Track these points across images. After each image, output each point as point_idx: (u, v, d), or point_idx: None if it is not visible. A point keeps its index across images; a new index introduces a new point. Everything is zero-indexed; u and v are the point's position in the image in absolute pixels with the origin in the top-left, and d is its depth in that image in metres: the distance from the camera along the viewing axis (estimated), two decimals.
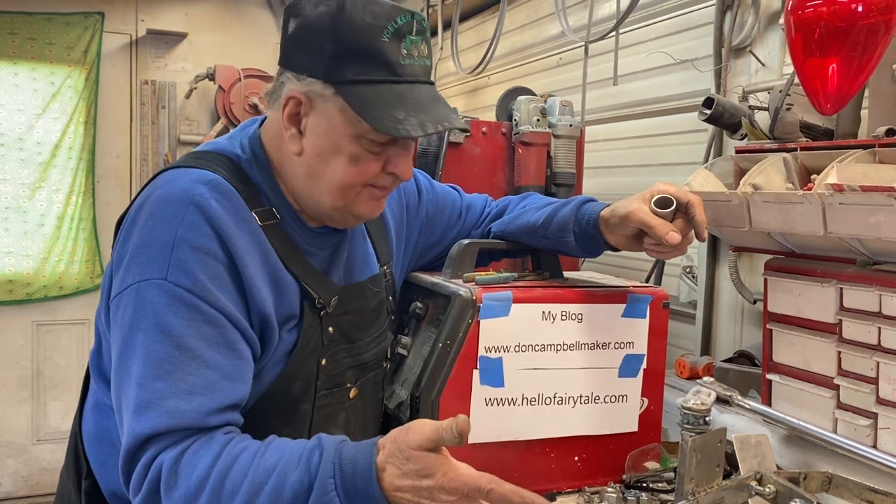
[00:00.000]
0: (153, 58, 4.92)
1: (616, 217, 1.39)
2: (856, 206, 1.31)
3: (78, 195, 4.72)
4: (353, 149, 1.23)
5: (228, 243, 1.17)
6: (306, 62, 1.21)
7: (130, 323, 1.13)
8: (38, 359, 4.73)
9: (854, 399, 1.42)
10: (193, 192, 1.17)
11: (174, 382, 1.10)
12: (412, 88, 1.22)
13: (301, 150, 1.25)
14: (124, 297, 1.15)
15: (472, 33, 4.03)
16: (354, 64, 1.18)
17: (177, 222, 1.15)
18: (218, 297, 1.15)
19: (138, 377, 1.10)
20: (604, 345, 1.48)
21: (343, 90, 1.19)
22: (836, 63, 1.31)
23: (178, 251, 1.13)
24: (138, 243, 1.16)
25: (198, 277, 1.13)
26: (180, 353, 1.11)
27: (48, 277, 4.69)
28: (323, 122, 1.22)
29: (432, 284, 1.51)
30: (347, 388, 1.37)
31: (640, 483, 1.47)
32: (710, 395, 1.24)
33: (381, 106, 1.18)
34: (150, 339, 1.11)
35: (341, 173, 1.24)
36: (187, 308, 1.12)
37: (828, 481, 1.24)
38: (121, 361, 1.14)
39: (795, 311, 1.53)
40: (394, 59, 1.19)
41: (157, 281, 1.12)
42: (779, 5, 2.06)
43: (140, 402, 1.09)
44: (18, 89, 4.61)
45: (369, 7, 1.18)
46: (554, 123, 2.33)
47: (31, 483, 4.70)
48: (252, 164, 1.28)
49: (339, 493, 1.04)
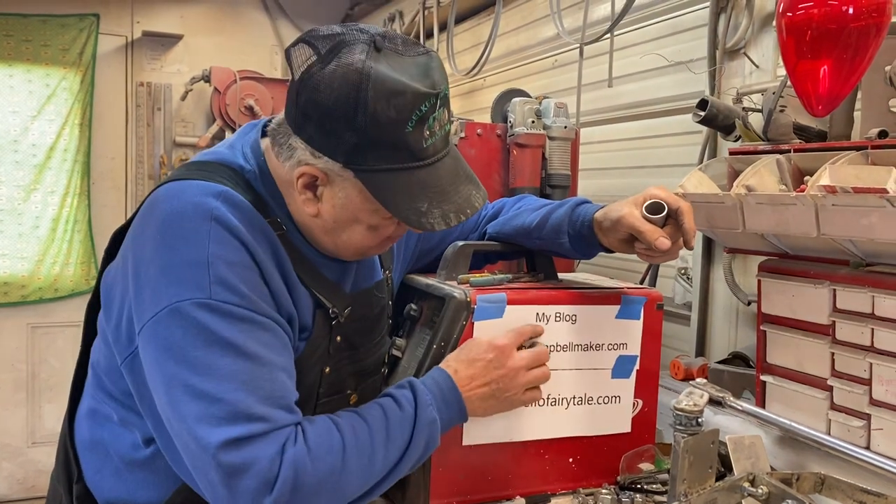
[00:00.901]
0: (149, 60, 4.92)
1: (608, 220, 1.39)
2: (848, 207, 1.31)
3: (73, 197, 4.72)
4: (371, 220, 1.23)
5: (254, 253, 1.16)
6: (323, 143, 1.17)
7: (182, 344, 1.10)
8: (33, 361, 4.73)
9: (847, 400, 1.42)
10: (209, 206, 1.15)
11: (253, 392, 1.10)
12: (434, 170, 1.19)
13: (317, 213, 1.24)
14: (163, 320, 1.11)
15: (467, 35, 4.04)
16: (376, 154, 1.15)
17: (203, 239, 1.13)
18: (262, 305, 1.16)
19: (213, 393, 1.08)
20: (597, 346, 1.48)
21: (363, 177, 1.17)
22: (827, 65, 1.31)
23: (214, 268, 1.11)
24: (164, 264, 1.13)
25: (242, 290, 1.13)
26: (249, 362, 1.11)
27: (43, 279, 4.68)
28: (341, 196, 1.21)
29: (427, 286, 1.51)
30: (348, 394, 1.37)
31: (635, 484, 1.47)
32: (702, 397, 1.25)
33: (402, 194, 1.16)
34: (214, 355, 1.10)
35: (359, 238, 1.26)
36: (241, 321, 1.12)
37: (820, 482, 1.24)
38: (174, 383, 1.10)
39: (789, 312, 1.53)
40: (416, 146, 1.16)
41: (203, 300, 1.10)
42: (773, 7, 2.07)
43: (225, 415, 1.08)
44: (13, 91, 4.60)
45: (393, 100, 1.12)
46: (549, 125, 2.33)
47: (27, 486, 4.69)
48: (257, 176, 1.26)
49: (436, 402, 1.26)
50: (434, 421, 1.25)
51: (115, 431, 1.27)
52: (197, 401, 1.09)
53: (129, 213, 4.87)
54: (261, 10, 5.16)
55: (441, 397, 1.27)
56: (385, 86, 1.11)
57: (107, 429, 1.27)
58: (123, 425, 1.26)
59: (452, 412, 1.29)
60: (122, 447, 1.26)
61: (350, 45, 1.13)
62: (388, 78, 1.12)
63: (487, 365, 1.31)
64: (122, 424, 1.27)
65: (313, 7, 5.18)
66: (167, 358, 1.11)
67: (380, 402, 1.25)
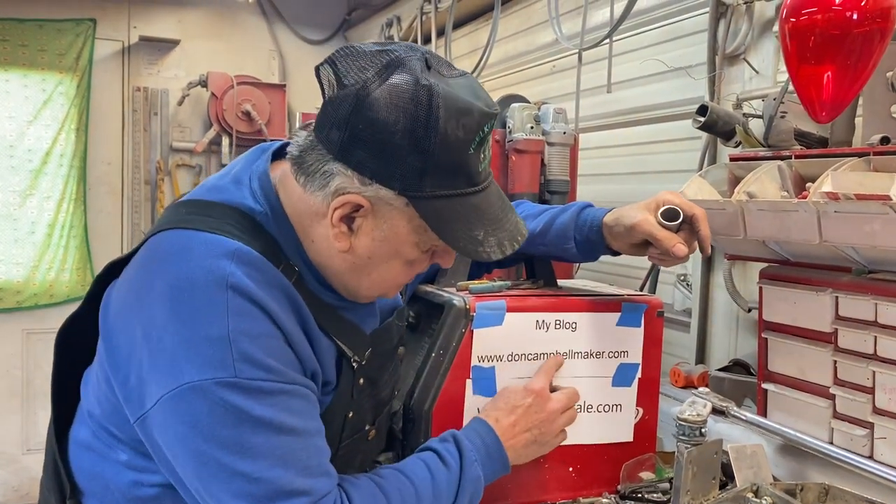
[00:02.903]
0: (145, 64, 4.91)
1: (621, 226, 1.38)
2: (851, 214, 1.30)
3: (69, 202, 4.70)
4: (411, 254, 1.16)
5: (276, 318, 1.09)
6: (379, 168, 1.06)
7: (210, 423, 1.04)
8: (28, 367, 4.70)
9: (850, 408, 1.41)
10: (224, 272, 1.06)
11: (291, 466, 1.07)
12: (487, 196, 1.13)
13: (349, 249, 1.14)
14: (186, 396, 1.04)
15: (465, 40, 4.03)
16: (436, 178, 1.07)
17: (222, 312, 1.04)
18: (289, 373, 1.10)
19: (250, 473, 1.04)
20: (598, 354, 1.47)
21: (418, 205, 1.08)
22: (831, 71, 1.30)
23: (237, 345, 1.04)
24: (182, 338, 1.05)
25: (267, 364, 1.06)
26: (283, 436, 1.07)
27: (39, 285, 4.66)
28: (385, 228, 1.12)
29: (425, 293, 1.50)
30: (367, 430, 1.32)
31: (636, 493, 1.46)
32: (705, 407, 1.24)
33: (458, 223, 1.09)
34: (246, 434, 1.04)
35: (393, 275, 1.19)
36: (270, 395, 1.06)
37: (825, 493, 1.23)
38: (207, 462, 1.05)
39: (791, 319, 1.52)
40: (474, 171, 1.09)
41: (228, 380, 1.03)
42: (772, 13, 2.06)
43: (265, 494, 1.05)
44: (9, 96, 4.59)
45: (462, 119, 1.05)
46: (548, 131, 2.32)
47: (21, 493, 4.66)
48: (269, 218, 1.15)
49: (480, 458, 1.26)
50: (479, 478, 1.25)
51: (118, 469, 1.20)
52: (233, 480, 1.04)
53: (125, 218, 4.89)
54: (258, 15, 5.15)
55: (485, 452, 1.27)
56: (455, 104, 1.04)
57: (108, 465, 1.20)
58: (130, 467, 1.19)
59: (496, 465, 1.29)
60: (124, 484, 1.19)
61: (407, 62, 1.05)
62: (456, 96, 1.05)
63: (527, 410, 1.33)
64: (129, 466, 1.19)
65: (311, 12, 5.18)
66: (194, 435, 1.05)
67: (423, 458, 1.23)
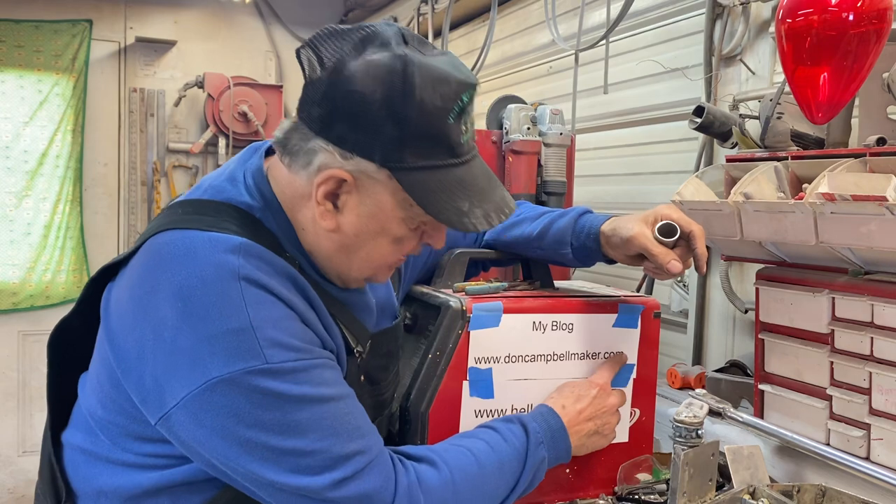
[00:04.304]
0: (142, 65, 4.90)
1: (618, 237, 1.38)
2: (847, 215, 1.30)
3: (65, 204, 4.69)
4: (399, 231, 1.15)
5: (290, 305, 1.10)
6: (358, 140, 1.08)
7: (251, 410, 1.04)
8: (24, 369, 4.69)
9: (847, 410, 1.41)
10: (233, 266, 1.06)
11: (340, 431, 1.08)
12: (470, 169, 1.13)
13: (336, 228, 1.14)
14: (219, 390, 1.03)
15: (462, 41, 4.03)
16: (416, 149, 1.07)
17: (239, 304, 1.05)
18: (315, 349, 1.11)
19: (299, 448, 1.05)
20: (594, 355, 1.47)
21: (401, 177, 1.08)
22: (827, 72, 1.30)
23: (262, 332, 1.04)
24: (202, 335, 1.04)
25: (294, 344, 1.07)
26: (326, 406, 1.08)
27: (35, 287, 4.65)
28: (369, 203, 1.12)
29: (422, 295, 1.50)
30: None
31: (632, 495, 1.45)
32: (702, 408, 1.23)
33: (442, 194, 1.09)
34: (289, 414, 1.05)
35: (380, 253, 1.18)
36: (302, 372, 1.07)
37: (821, 494, 1.23)
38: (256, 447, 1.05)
39: (787, 320, 1.52)
40: (455, 141, 1.10)
41: (261, 368, 1.04)
42: (769, 14, 2.06)
43: (321, 464, 1.05)
44: (5, 97, 4.58)
45: (439, 87, 1.06)
46: (544, 132, 2.32)
47: (17, 495, 4.65)
48: (265, 212, 1.17)
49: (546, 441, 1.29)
50: (544, 459, 1.27)
51: (114, 471, 1.18)
52: (286, 459, 1.05)
53: (121, 219, 4.88)
54: (255, 15, 5.15)
55: (550, 435, 1.30)
56: (431, 73, 1.05)
57: (104, 468, 1.18)
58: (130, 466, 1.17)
59: (560, 450, 1.32)
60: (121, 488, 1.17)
61: (382, 35, 1.07)
62: (433, 66, 1.06)
63: (594, 401, 1.37)
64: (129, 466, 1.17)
65: (307, 13, 5.17)
66: (235, 425, 1.04)
67: (487, 438, 1.24)
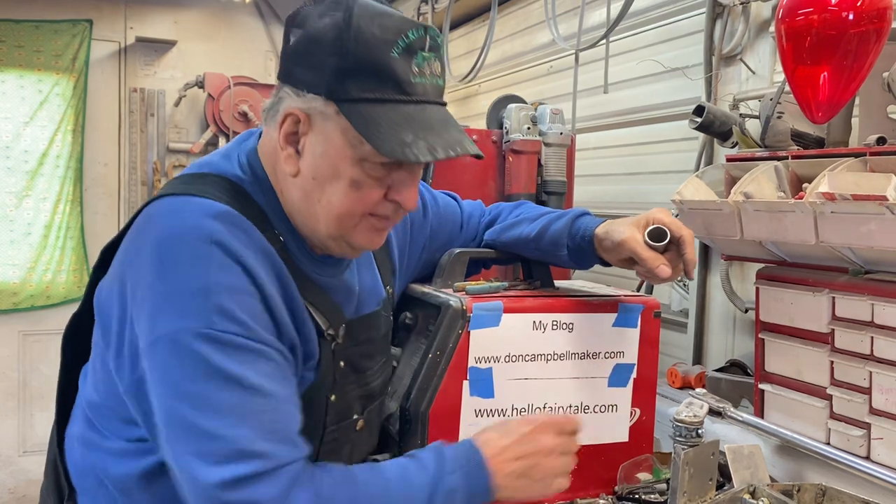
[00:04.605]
0: (142, 65, 4.90)
1: (610, 241, 1.38)
2: (847, 214, 1.30)
3: (65, 204, 4.69)
4: (353, 173, 1.14)
5: (256, 278, 1.10)
6: (307, 77, 1.12)
7: (181, 376, 1.06)
8: (24, 369, 4.69)
9: (847, 409, 1.41)
10: (209, 229, 1.08)
11: (255, 427, 1.05)
12: (422, 109, 1.13)
13: (297, 172, 1.16)
14: (160, 350, 1.06)
15: (462, 41, 4.03)
16: (360, 80, 1.09)
17: (204, 265, 1.07)
18: (263, 334, 1.10)
19: (212, 430, 1.04)
20: (594, 354, 1.47)
21: (346, 108, 1.10)
22: (827, 71, 1.30)
23: (215, 297, 1.06)
24: (163, 290, 1.07)
25: (242, 319, 1.07)
26: (251, 396, 1.06)
27: (35, 287, 4.65)
28: (322, 141, 1.13)
29: (422, 294, 1.50)
30: (355, 419, 1.31)
31: (633, 494, 1.45)
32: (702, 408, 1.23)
33: (386, 126, 1.09)
34: (213, 388, 1.05)
35: (339, 200, 1.15)
36: (241, 351, 1.07)
37: (821, 494, 1.23)
38: (173, 419, 1.06)
39: (787, 320, 1.52)
40: (403, 77, 1.10)
41: (203, 330, 1.05)
42: (769, 14, 2.06)
43: (226, 453, 1.03)
44: (5, 97, 4.58)
45: (378, 19, 1.09)
46: (544, 131, 2.32)
47: (18, 495, 4.65)
48: (254, 184, 1.20)
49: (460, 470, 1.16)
50: (454, 490, 1.15)
51: (111, 459, 1.21)
52: (195, 438, 1.04)
53: (122, 219, 4.88)
54: (255, 15, 5.15)
55: (467, 466, 1.18)
56: (373, 8, 1.11)
57: (100, 456, 1.21)
58: (124, 454, 1.19)
59: (478, 484, 1.19)
60: (117, 475, 1.20)
61: None
62: (377, 5, 1.12)
63: (522, 439, 1.23)
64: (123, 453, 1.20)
65: None
66: (165, 391, 1.07)
67: (401, 461, 1.20)
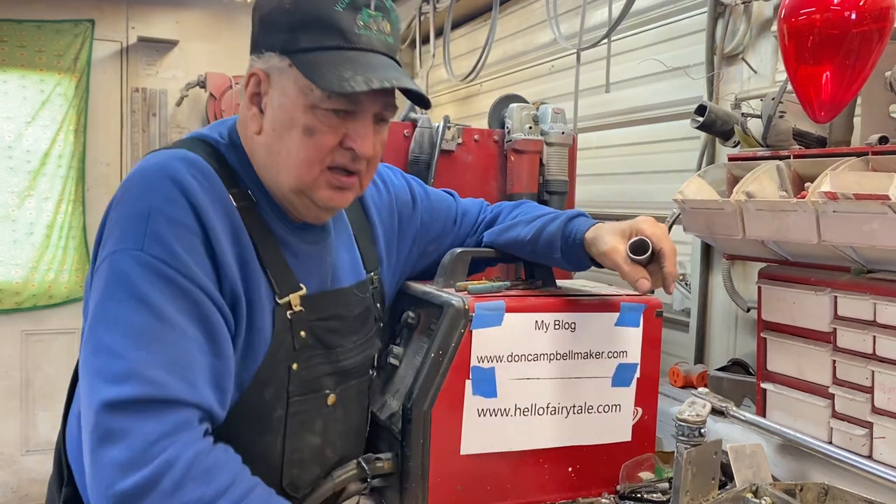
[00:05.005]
0: (144, 65, 4.90)
1: (595, 249, 1.40)
2: (850, 214, 1.30)
3: (68, 203, 4.70)
4: (307, 120, 1.21)
5: (203, 217, 1.15)
6: (266, 40, 1.23)
7: (104, 293, 1.10)
8: (27, 368, 4.69)
9: (849, 408, 1.41)
10: (169, 167, 1.17)
11: (155, 353, 1.06)
12: (365, 55, 1.20)
13: (260, 129, 1.25)
14: (101, 269, 1.13)
15: (464, 40, 4.03)
16: (308, 33, 1.19)
17: (152, 194, 1.14)
18: (194, 271, 1.13)
19: (114, 347, 1.06)
20: (597, 354, 1.47)
21: (296, 59, 1.19)
22: (829, 71, 1.30)
23: (153, 222, 1.12)
24: (115, 217, 1.16)
25: (174, 249, 1.12)
26: (160, 324, 1.08)
27: (37, 286, 4.65)
28: (279, 95, 1.22)
29: (424, 294, 1.50)
30: (325, 394, 1.34)
31: (635, 493, 1.46)
32: (705, 407, 1.23)
33: (329, 68, 1.17)
34: (127, 309, 1.08)
35: (296, 148, 1.22)
36: (163, 280, 1.10)
37: (824, 493, 1.23)
38: (92, 332, 1.09)
39: (789, 319, 1.52)
40: (347, 28, 1.19)
41: (133, 252, 1.10)
42: (770, 13, 2.06)
43: (118, 372, 1.04)
44: (8, 97, 4.58)
45: None
46: (546, 131, 2.32)
47: (21, 494, 4.65)
48: (230, 149, 1.29)
49: None
50: None
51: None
52: (100, 354, 1.07)
53: None
54: None
55: None
56: None
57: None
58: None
59: None
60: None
61: None
62: None
63: None
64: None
65: None
66: (93, 310, 1.11)
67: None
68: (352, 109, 1.21)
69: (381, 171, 1.58)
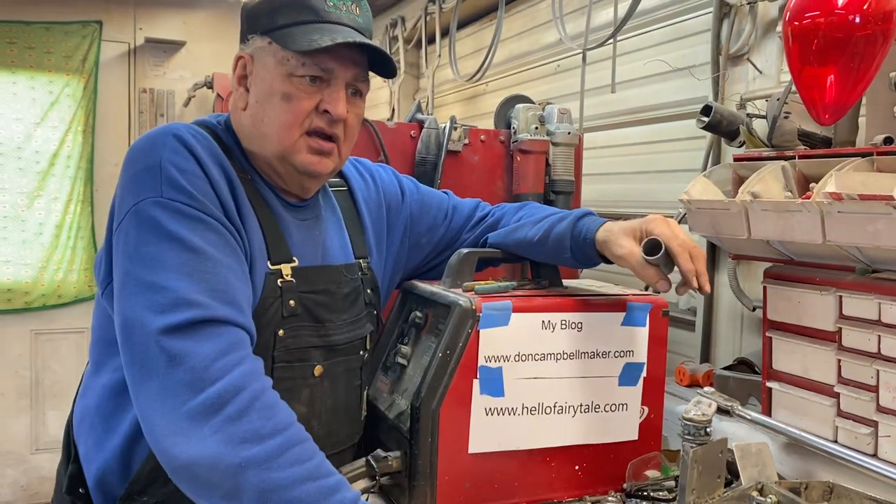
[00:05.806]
0: (151, 66, 4.92)
1: (609, 252, 1.42)
2: (854, 214, 1.31)
3: (76, 204, 4.72)
4: (284, 87, 1.31)
5: (206, 169, 1.25)
6: (251, 28, 1.37)
7: (136, 240, 1.18)
8: (36, 368, 4.72)
9: (854, 407, 1.42)
10: (171, 128, 1.28)
11: (197, 282, 1.15)
12: (333, 27, 1.32)
13: (246, 105, 1.36)
14: (124, 224, 1.20)
15: (469, 40, 4.04)
16: (284, 12, 1.32)
17: (159, 149, 1.24)
18: (212, 209, 1.23)
19: (158, 282, 1.14)
20: (604, 353, 1.48)
21: (274, 35, 1.32)
22: (834, 73, 1.31)
23: (166, 172, 1.21)
24: (128, 177, 1.25)
25: (190, 192, 1.21)
26: (196, 257, 1.17)
27: (47, 286, 4.68)
28: (261, 70, 1.34)
29: (431, 294, 1.51)
30: (312, 364, 1.38)
31: (641, 492, 1.47)
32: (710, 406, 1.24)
33: (300, 35, 1.30)
34: (161, 248, 1.16)
35: (276, 113, 1.32)
36: (189, 219, 1.19)
37: (829, 491, 1.24)
38: (129, 276, 1.17)
39: (795, 318, 1.53)
40: (318, 6, 1.32)
41: (154, 199, 1.19)
42: (776, 13, 2.07)
43: (166, 302, 1.12)
44: (17, 98, 4.61)
45: None
46: (552, 131, 2.33)
47: (30, 492, 4.68)
48: (225, 132, 1.39)
49: None
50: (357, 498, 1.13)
51: (97, 390, 1.33)
52: (144, 292, 1.14)
53: None
54: None
55: None
56: None
57: (91, 391, 1.33)
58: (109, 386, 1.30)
59: None
60: (102, 403, 1.31)
61: None
62: None
63: None
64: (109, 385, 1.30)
65: None
66: (125, 259, 1.19)
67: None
68: (326, 77, 1.32)
69: (371, 168, 1.66)
